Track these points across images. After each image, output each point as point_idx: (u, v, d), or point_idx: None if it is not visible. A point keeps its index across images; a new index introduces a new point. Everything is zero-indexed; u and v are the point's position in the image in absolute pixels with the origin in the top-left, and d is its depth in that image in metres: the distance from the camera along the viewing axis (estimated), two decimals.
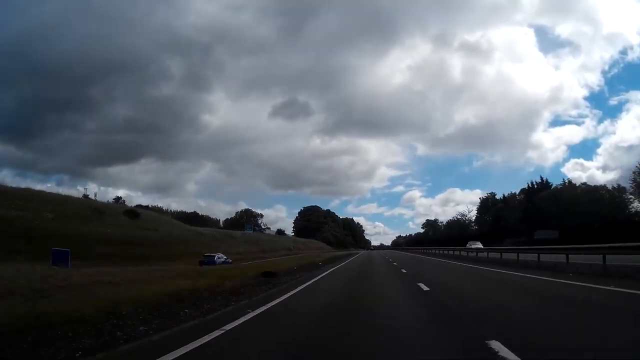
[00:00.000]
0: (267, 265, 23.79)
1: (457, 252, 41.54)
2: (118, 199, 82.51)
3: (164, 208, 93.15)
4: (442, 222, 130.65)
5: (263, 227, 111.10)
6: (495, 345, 4.65)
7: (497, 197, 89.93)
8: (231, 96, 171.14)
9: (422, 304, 8.97)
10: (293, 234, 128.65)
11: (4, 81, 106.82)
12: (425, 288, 11.57)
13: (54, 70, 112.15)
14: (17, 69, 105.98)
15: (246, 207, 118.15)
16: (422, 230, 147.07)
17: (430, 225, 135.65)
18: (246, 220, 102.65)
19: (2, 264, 18.46)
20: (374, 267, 26.61)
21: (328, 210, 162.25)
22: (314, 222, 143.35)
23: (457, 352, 4.82)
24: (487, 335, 5.07)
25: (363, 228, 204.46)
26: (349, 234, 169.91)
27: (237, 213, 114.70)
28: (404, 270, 20.79)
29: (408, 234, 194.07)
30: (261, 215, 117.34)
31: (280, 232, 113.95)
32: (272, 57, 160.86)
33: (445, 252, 47.38)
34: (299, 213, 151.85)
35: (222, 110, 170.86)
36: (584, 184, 72.14)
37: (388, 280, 16.11)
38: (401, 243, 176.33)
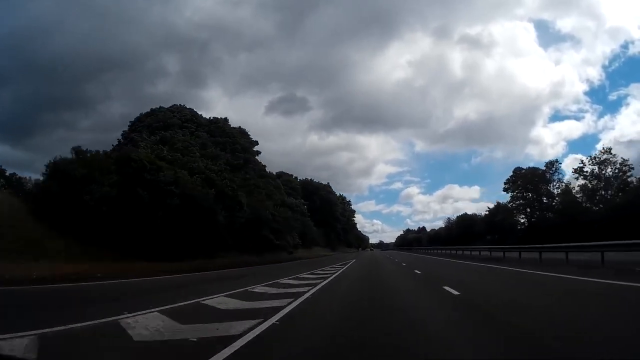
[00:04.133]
0: None
1: None
2: None
3: None
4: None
5: None
6: None
7: None
8: (228, 92, 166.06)
9: None
10: None
11: None
12: None
13: (50, 67, 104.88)
14: (12, 66, 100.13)
15: None
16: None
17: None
18: None
19: None
20: None
21: (209, 119, 59.00)
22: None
23: None
24: None
25: (354, 215, 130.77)
26: (317, 207, 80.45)
27: None
28: None
29: (420, 227, 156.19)
30: None
31: None
32: (270, 52, 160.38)
33: None
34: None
35: (219, 107, 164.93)
36: None
37: None
38: (413, 240, 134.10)
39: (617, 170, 47.92)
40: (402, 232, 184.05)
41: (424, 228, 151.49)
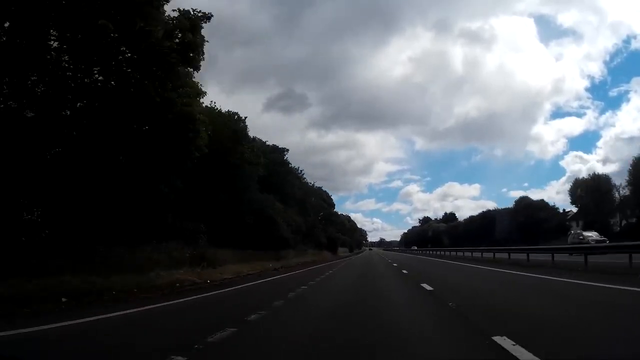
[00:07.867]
0: None
1: None
2: None
3: None
4: None
5: None
6: None
7: None
8: (225, 89, 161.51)
9: None
10: None
11: None
12: None
13: None
14: None
15: None
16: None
17: None
18: None
19: None
20: None
21: None
22: None
23: None
24: None
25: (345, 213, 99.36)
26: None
27: None
28: None
29: (440, 216, 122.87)
30: None
31: None
32: (268, 48, 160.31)
33: None
34: None
35: (216, 104, 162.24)
36: None
37: None
38: (439, 230, 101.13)
39: None
40: (417, 224, 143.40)
41: (452, 214, 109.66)
